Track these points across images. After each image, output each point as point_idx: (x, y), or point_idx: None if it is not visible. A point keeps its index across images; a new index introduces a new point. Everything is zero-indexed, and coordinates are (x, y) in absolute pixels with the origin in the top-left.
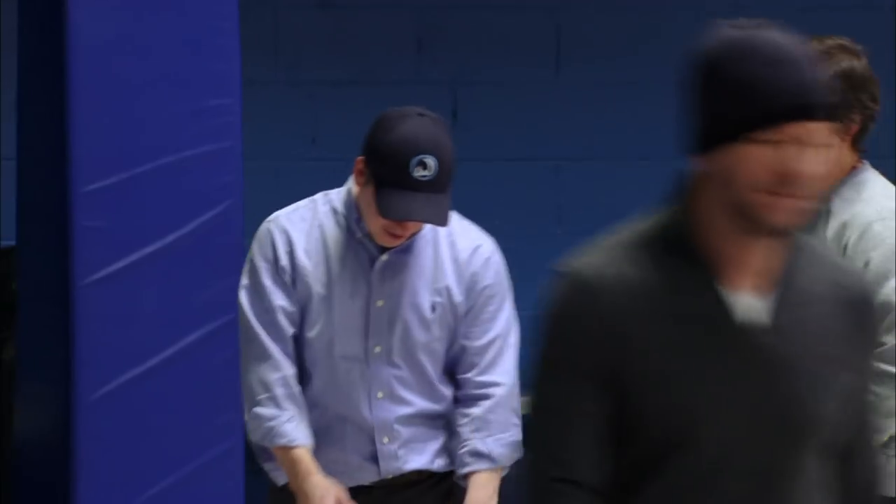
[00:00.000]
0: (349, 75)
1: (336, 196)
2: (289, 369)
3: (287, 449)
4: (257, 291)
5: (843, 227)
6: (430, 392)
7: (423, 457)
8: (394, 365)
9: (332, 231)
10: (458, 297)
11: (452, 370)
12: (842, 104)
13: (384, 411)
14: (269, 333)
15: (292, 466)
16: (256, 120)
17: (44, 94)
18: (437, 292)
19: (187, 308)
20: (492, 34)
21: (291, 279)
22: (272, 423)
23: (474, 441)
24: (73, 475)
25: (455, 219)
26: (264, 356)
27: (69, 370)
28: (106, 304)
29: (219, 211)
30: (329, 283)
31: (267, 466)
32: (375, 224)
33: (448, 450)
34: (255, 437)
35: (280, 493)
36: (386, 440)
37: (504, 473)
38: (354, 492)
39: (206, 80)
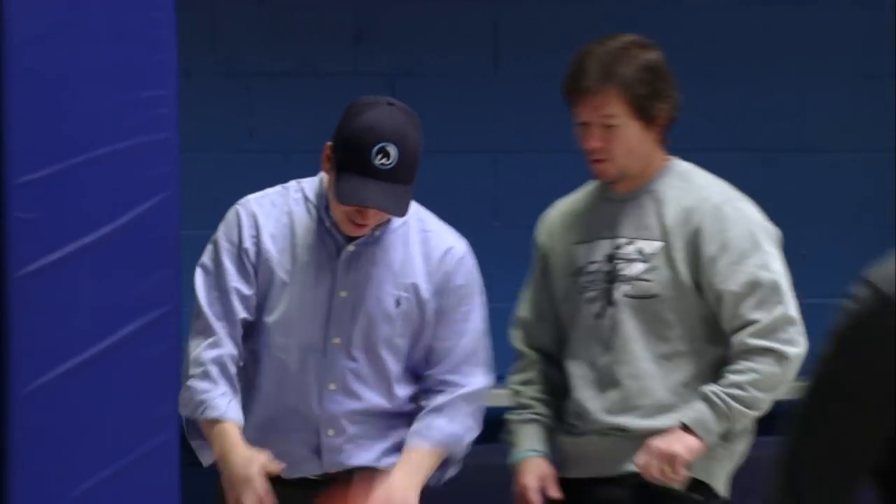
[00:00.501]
0: (287, 67)
1: (308, 184)
2: (230, 349)
3: (216, 422)
4: (215, 270)
5: (689, 211)
6: (385, 389)
7: (368, 454)
8: (351, 358)
9: (302, 218)
10: (426, 294)
11: (417, 370)
12: (649, 93)
13: (334, 404)
14: (217, 313)
15: (219, 438)
16: (193, 111)
17: None
18: (404, 288)
19: (123, 300)
20: (430, 26)
21: (254, 264)
22: (205, 396)
23: (420, 421)
24: (8, 468)
25: (432, 219)
26: (207, 333)
27: (3, 362)
28: (40, 296)
29: (154, 203)
30: (293, 271)
31: (195, 444)
32: (338, 211)
33: (400, 449)
34: (185, 410)
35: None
36: (331, 433)
37: (447, 474)
38: (300, 484)
39: (142, 72)
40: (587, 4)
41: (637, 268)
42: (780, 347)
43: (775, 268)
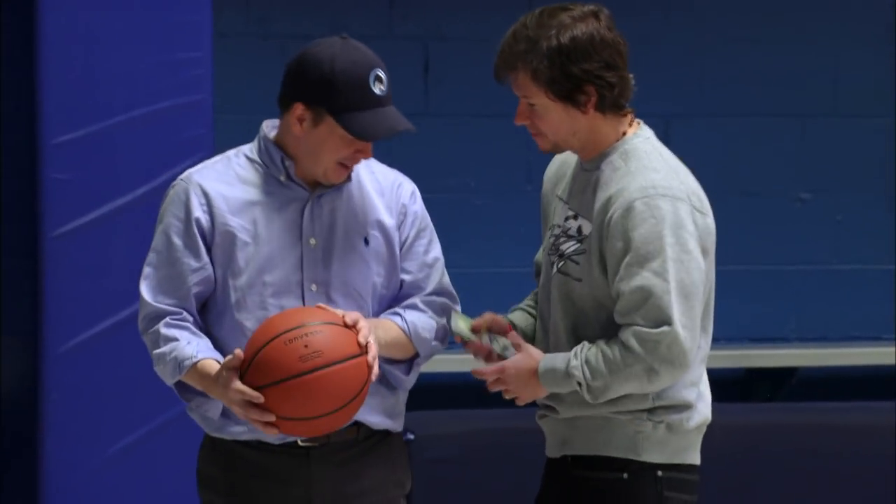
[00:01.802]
0: (321, 29)
1: (247, 148)
2: (185, 316)
3: (194, 368)
4: (166, 251)
5: (609, 200)
6: None
7: (361, 408)
8: (332, 301)
9: (253, 179)
10: (391, 229)
11: (395, 304)
12: (563, 76)
13: None
14: (167, 292)
15: (202, 379)
16: (227, 73)
17: (13, 47)
18: (370, 225)
19: None
20: None
21: (209, 234)
22: (174, 355)
23: (405, 312)
24: (42, 428)
25: (373, 161)
26: (160, 316)
27: (38, 323)
28: (76, 256)
29: (189, 164)
30: (255, 231)
31: (194, 405)
32: (331, 160)
33: (386, 409)
34: (169, 379)
35: (211, 446)
36: None
37: (413, 373)
38: (289, 451)
39: (177, 33)
40: None
41: (571, 246)
42: (653, 363)
43: (674, 276)
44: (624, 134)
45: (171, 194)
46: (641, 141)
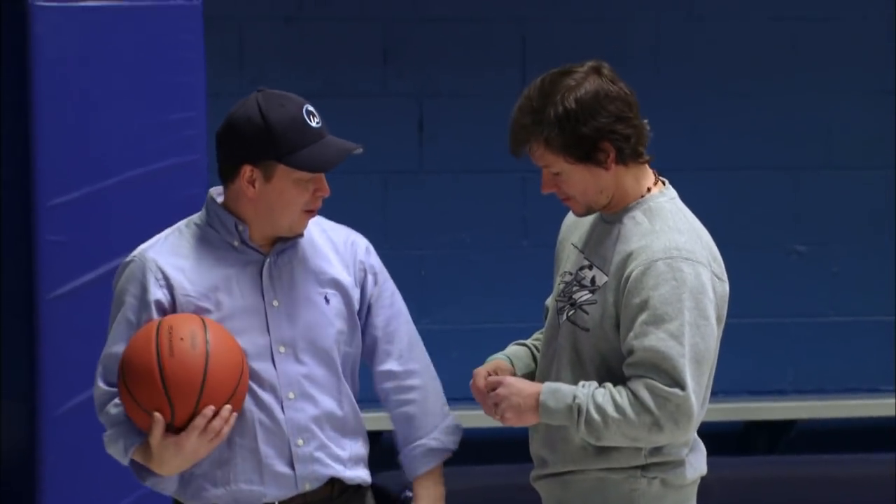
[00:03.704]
0: (315, 88)
1: (197, 218)
2: None
3: (139, 448)
4: (122, 330)
5: (629, 256)
6: (336, 389)
7: (337, 464)
8: (301, 363)
9: (208, 248)
10: (349, 286)
11: (370, 363)
12: (576, 138)
13: (297, 412)
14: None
15: (146, 452)
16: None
17: (8, 108)
18: (328, 285)
19: None
20: (458, 46)
21: (171, 311)
22: (121, 438)
23: (427, 440)
24: (41, 489)
25: (322, 219)
26: (108, 397)
27: (36, 385)
28: (71, 318)
29: None
30: (217, 300)
31: (150, 483)
32: (295, 210)
33: (362, 460)
34: (122, 461)
35: None
36: (301, 443)
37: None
38: None
39: (171, 94)
40: (614, 23)
41: (583, 295)
42: (659, 418)
43: (689, 340)
44: (649, 190)
45: (126, 273)
46: (666, 200)
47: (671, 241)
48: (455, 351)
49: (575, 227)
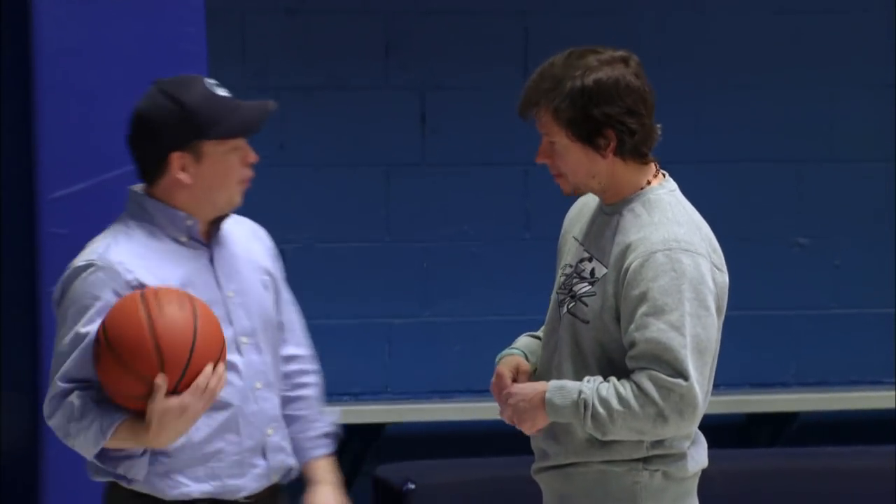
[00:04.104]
0: (317, 81)
1: (133, 218)
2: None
3: (119, 427)
4: (88, 332)
5: (628, 248)
6: (277, 377)
7: (290, 454)
8: (261, 352)
9: (159, 246)
10: (275, 272)
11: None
12: (583, 117)
13: (265, 402)
14: (82, 373)
15: (131, 430)
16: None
17: (9, 100)
18: (262, 271)
19: None
20: (460, 39)
21: None
22: (95, 421)
23: (322, 424)
24: (42, 482)
25: None
26: (66, 392)
27: (36, 377)
28: None
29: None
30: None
31: (122, 469)
32: (231, 183)
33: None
34: (90, 451)
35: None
36: (270, 432)
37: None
38: None
39: None
40: (618, 16)
41: (583, 288)
42: (664, 409)
43: (690, 330)
44: (648, 183)
45: (90, 280)
46: (665, 193)
47: (670, 233)
48: (457, 343)
49: (577, 220)
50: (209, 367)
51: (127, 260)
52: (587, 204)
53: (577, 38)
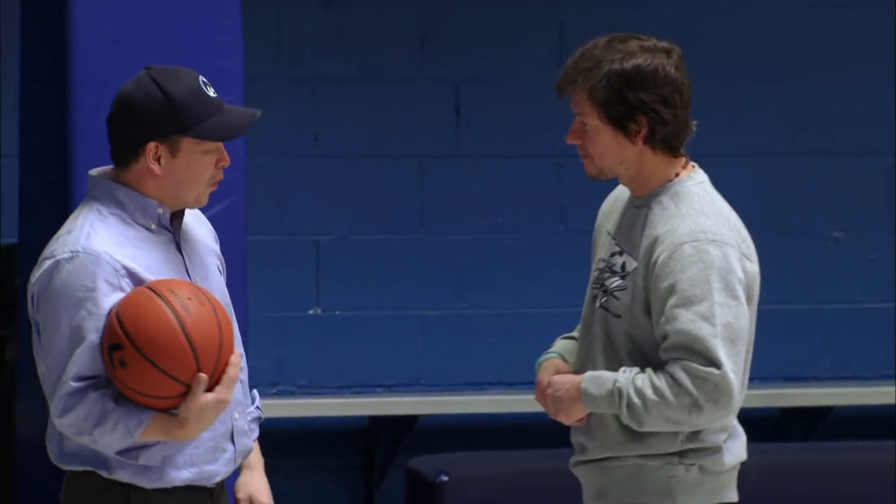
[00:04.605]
0: (352, 72)
1: (103, 207)
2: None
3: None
4: (87, 323)
5: (656, 241)
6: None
7: (249, 437)
8: None
9: (134, 235)
10: (220, 257)
11: None
12: (617, 101)
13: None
14: (91, 368)
15: (171, 423)
16: (259, 117)
17: (46, 91)
18: (216, 257)
19: None
20: (494, 30)
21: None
22: (120, 419)
23: (252, 409)
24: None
25: None
26: (81, 391)
27: None
28: None
29: (222, 207)
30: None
31: (143, 459)
32: (201, 183)
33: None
34: (116, 446)
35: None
36: (237, 416)
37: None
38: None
39: (209, 77)
40: (653, 8)
41: (615, 282)
42: (698, 398)
43: (720, 320)
44: (677, 175)
45: (79, 270)
46: (694, 184)
47: (696, 224)
48: (491, 335)
49: (610, 214)
50: (235, 356)
51: (110, 248)
52: (619, 197)
53: (613, 29)
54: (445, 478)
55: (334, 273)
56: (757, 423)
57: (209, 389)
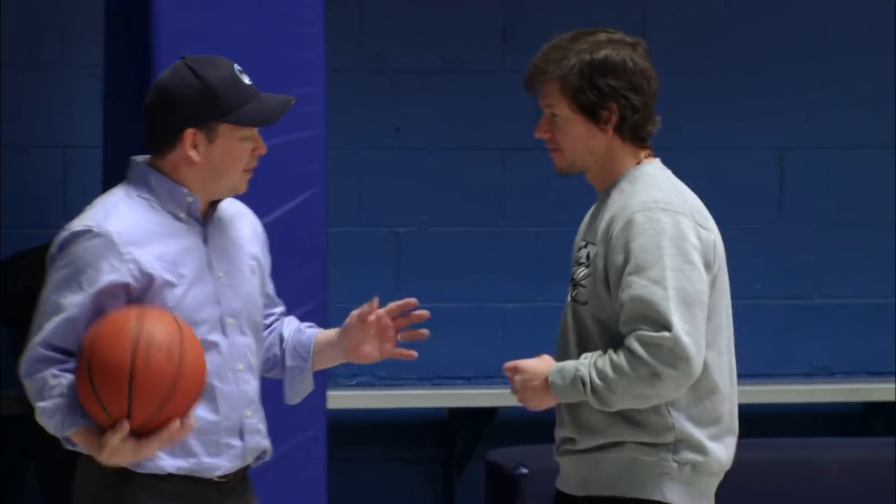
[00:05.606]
0: (434, 64)
1: (134, 188)
2: (70, 367)
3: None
4: (79, 296)
5: (613, 219)
6: (258, 361)
7: (266, 437)
8: (245, 334)
9: (157, 219)
10: (261, 257)
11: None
12: (588, 90)
13: (245, 384)
14: (66, 340)
15: (88, 437)
16: (341, 109)
17: (129, 84)
18: (250, 256)
19: None
20: (576, 23)
21: (135, 282)
22: (58, 413)
23: (305, 327)
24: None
25: None
26: (46, 362)
27: None
28: None
29: (303, 199)
30: (180, 273)
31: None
32: (238, 169)
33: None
34: (49, 430)
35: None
36: (249, 414)
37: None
38: (201, 486)
39: (291, 69)
40: (738, 2)
41: (580, 271)
42: (656, 366)
43: (672, 283)
44: (638, 163)
45: (86, 246)
46: (652, 167)
47: (648, 196)
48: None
49: (583, 227)
50: (176, 423)
51: (124, 230)
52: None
53: (696, 22)
54: (525, 470)
55: (414, 265)
56: (840, 417)
57: (142, 434)
